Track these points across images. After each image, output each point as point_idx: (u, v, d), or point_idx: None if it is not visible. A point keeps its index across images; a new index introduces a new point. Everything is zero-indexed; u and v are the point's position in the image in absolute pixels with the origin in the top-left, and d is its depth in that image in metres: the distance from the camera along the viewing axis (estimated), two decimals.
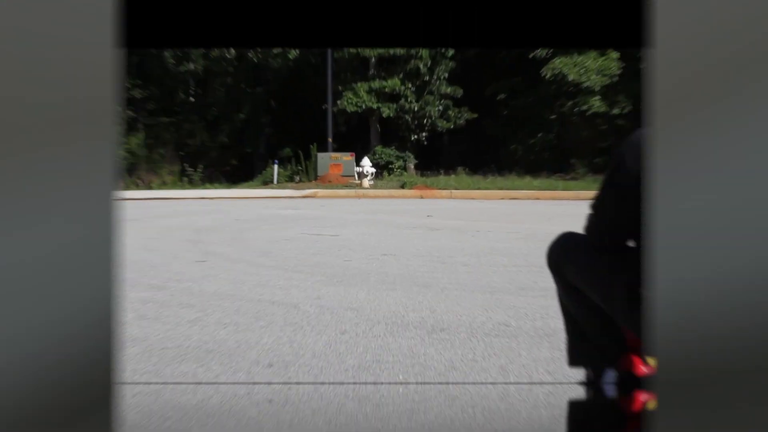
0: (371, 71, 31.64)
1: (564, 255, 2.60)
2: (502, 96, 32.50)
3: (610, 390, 2.44)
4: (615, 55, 29.05)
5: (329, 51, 26.86)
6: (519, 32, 2.17)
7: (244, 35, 2.21)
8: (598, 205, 2.44)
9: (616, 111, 29.36)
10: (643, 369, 2.32)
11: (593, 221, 2.46)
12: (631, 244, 2.34)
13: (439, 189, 21.95)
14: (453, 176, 25.91)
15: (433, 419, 2.98)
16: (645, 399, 2.33)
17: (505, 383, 3.35)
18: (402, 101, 30.62)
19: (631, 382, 2.35)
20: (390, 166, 30.36)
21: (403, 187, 23.02)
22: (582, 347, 2.66)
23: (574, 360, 2.75)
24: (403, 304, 5.14)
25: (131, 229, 10.53)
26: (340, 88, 30.92)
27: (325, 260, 7.42)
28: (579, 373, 2.84)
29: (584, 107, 29.26)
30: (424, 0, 2.16)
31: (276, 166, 25.86)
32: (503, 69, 35.02)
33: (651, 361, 2.19)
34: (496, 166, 28.96)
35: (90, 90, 1.75)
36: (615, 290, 2.34)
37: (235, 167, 42.28)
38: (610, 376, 2.48)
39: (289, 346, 3.99)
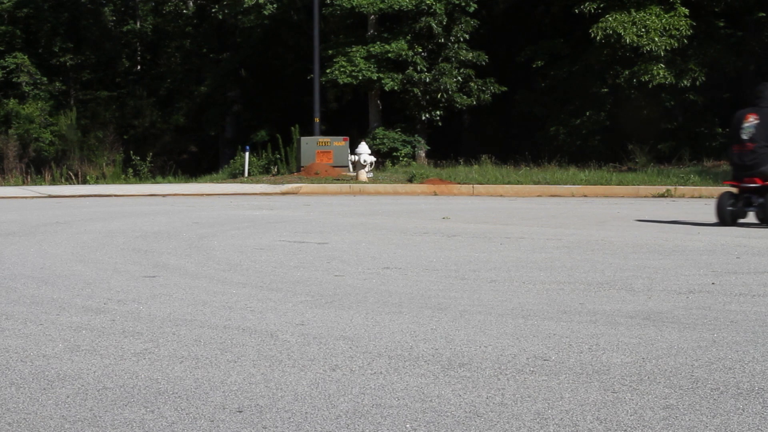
0: (370, 31, 31.66)
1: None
2: (539, 63, 32.52)
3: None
4: (684, 10, 29.06)
5: (315, 5, 26.87)
6: None
7: None
8: (729, 140, 13.52)
9: (685, 82, 29.38)
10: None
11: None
12: None
13: (458, 183, 21.96)
14: (475, 167, 25.94)
15: None
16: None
17: None
18: (410, 70, 30.65)
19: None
20: (394, 153, 30.40)
21: (411, 180, 23.05)
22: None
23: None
24: (412, 331, 5.14)
25: (60, 234, 10.52)
26: (330, 53, 30.94)
27: (310, 275, 7.42)
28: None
29: (645, 77, 29.28)
30: None
31: (247, 154, 25.91)
32: (541, 28, 35.07)
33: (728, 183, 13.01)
34: (531, 154, 28.98)
35: None
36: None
37: (195, 155, 42.37)
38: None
39: (264, 385, 3.98)
